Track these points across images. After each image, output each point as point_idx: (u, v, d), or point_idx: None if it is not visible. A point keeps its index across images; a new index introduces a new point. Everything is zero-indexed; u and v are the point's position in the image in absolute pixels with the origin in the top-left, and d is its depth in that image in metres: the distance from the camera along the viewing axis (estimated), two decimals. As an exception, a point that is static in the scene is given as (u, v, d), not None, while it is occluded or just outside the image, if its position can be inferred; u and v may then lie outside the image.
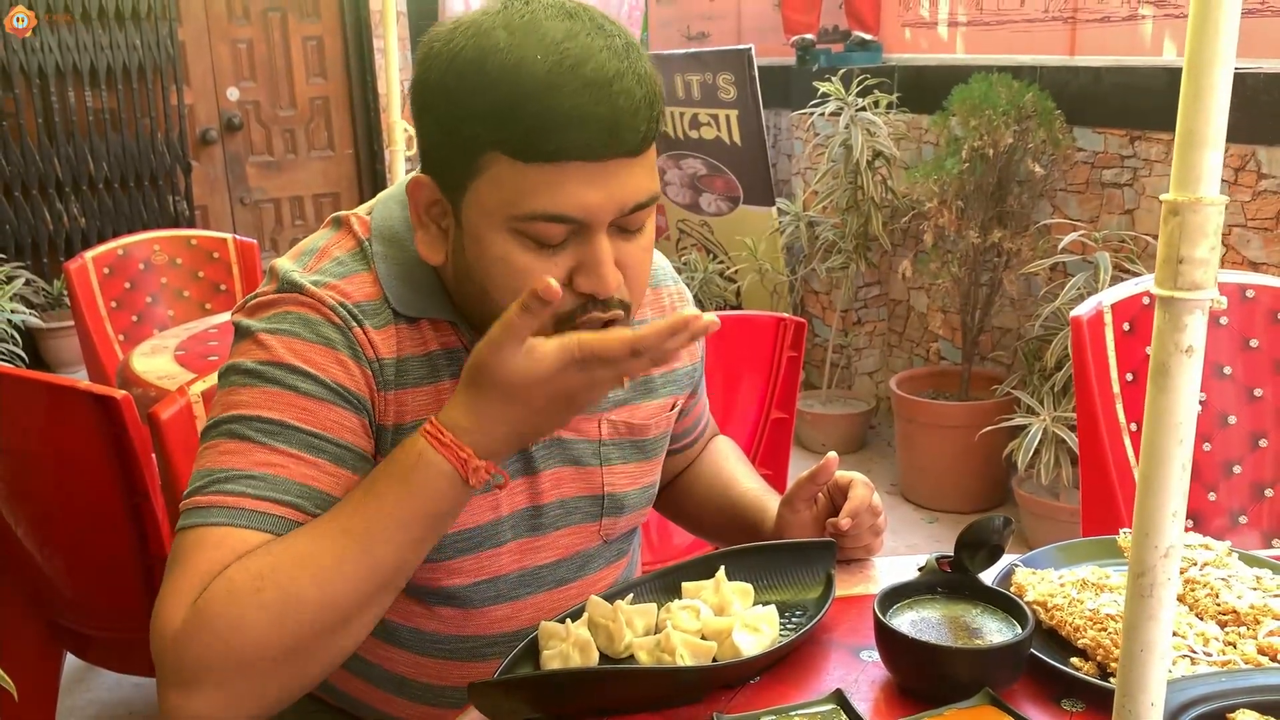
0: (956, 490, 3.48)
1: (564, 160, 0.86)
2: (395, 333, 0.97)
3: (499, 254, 0.90)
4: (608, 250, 0.90)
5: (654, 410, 1.16)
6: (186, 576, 0.85)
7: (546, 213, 0.87)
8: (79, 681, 2.58)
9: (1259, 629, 0.97)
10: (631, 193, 0.90)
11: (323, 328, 0.94)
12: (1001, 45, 3.62)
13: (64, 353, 4.97)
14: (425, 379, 0.99)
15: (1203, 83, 0.60)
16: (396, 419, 0.97)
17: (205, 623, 0.83)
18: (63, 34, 4.87)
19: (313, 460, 0.91)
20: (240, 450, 0.90)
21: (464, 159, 0.89)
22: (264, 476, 0.89)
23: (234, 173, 5.53)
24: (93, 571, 1.78)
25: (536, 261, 0.89)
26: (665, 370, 1.17)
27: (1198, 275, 0.61)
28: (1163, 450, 0.64)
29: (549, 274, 0.86)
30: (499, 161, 0.87)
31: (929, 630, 0.98)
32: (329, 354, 0.93)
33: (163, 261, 3.04)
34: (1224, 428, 1.75)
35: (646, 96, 0.88)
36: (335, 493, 0.91)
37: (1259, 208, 2.70)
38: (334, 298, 0.95)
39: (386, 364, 0.96)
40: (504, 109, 0.85)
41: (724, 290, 4.41)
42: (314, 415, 0.92)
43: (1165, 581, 0.64)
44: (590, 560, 1.15)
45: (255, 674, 0.84)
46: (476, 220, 0.91)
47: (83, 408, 1.57)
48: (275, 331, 0.93)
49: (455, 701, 1.10)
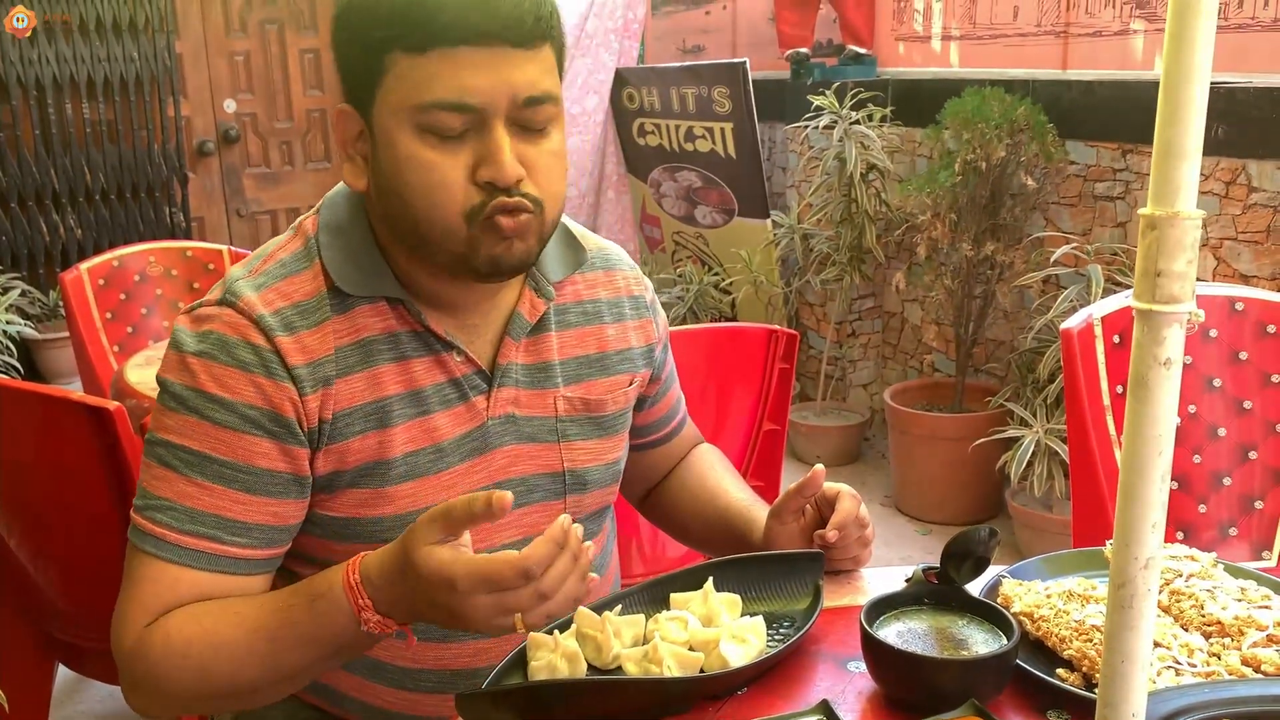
0: (950, 502, 3.48)
1: (453, 44, 0.94)
2: (330, 327, 1.04)
3: (406, 153, 0.98)
4: (504, 139, 0.97)
5: (609, 386, 1.19)
6: (134, 603, 1.00)
7: (442, 100, 0.95)
8: (71, 693, 2.57)
9: (1243, 640, 0.97)
10: (523, 85, 0.97)
11: (238, 349, 1.01)
12: (994, 59, 3.64)
13: (59, 364, 4.96)
14: (358, 365, 1.05)
15: (1180, 97, 0.61)
16: (335, 408, 1.04)
17: (143, 662, 0.99)
18: (60, 45, 4.88)
19: (224, 490, 1.01)
20: (166, 478, 1.01)
21: (370, 65, 0.98)
22: (183, 509, 1.00)
23: (231, 184, 5.54)
24: (86, 583, 1.78)
25: (441, 156, 0.97)
26: (620, 348, 1.21)
27: (1175, 289, 0.62)
28: (1142, 462, 0.64)
29: (453, 169, 0.97)
30: (399, 60, 0.96)
31: (915, 641, 0.98)
32: (241, 376, 1.01)
33: (158, 273, 3.04)
34: (1214, 440, 1.76)
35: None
36: (248, 519, 1.02)
37: (1249, 221, 2.71)
38: (263, 307, 1.02)
39: (316, 365, 1.03)
40: (398, 7, 0.95)
41: (719, 302, 4.42)
42: (228, 445, 1.01)
43: (1146, 593, 0.65)
44: None
45: (180, 706, 1.02)
46: (386, 126, 0.98)
47: (77, 419, 1.57)
48: (199, 354, 1.02)
49: (432, 685, 1.13)
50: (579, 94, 4.87)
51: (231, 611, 0.99)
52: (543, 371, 1.14)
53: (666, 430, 1.35)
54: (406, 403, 1.07)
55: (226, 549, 1.01)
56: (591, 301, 1.20)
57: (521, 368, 1.13)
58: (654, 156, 4.80)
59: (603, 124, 4.95)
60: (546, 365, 1.15)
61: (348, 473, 1.05)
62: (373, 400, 1.05)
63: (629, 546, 1.99)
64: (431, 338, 1.08)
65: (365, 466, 1.05)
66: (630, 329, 1.23)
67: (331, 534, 1.08)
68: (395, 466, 1.06)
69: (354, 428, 1.04)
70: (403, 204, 1.00)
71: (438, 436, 1.08)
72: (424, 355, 1.08)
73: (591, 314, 1.19)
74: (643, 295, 1.25)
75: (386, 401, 1.06)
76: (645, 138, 4.83)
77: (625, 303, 1.23)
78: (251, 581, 1.04)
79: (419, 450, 1.07)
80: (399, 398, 1.06)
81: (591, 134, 4.94)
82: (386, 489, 1.06)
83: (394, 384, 1.06)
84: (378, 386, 1.05)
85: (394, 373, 1.06)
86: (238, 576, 1.03)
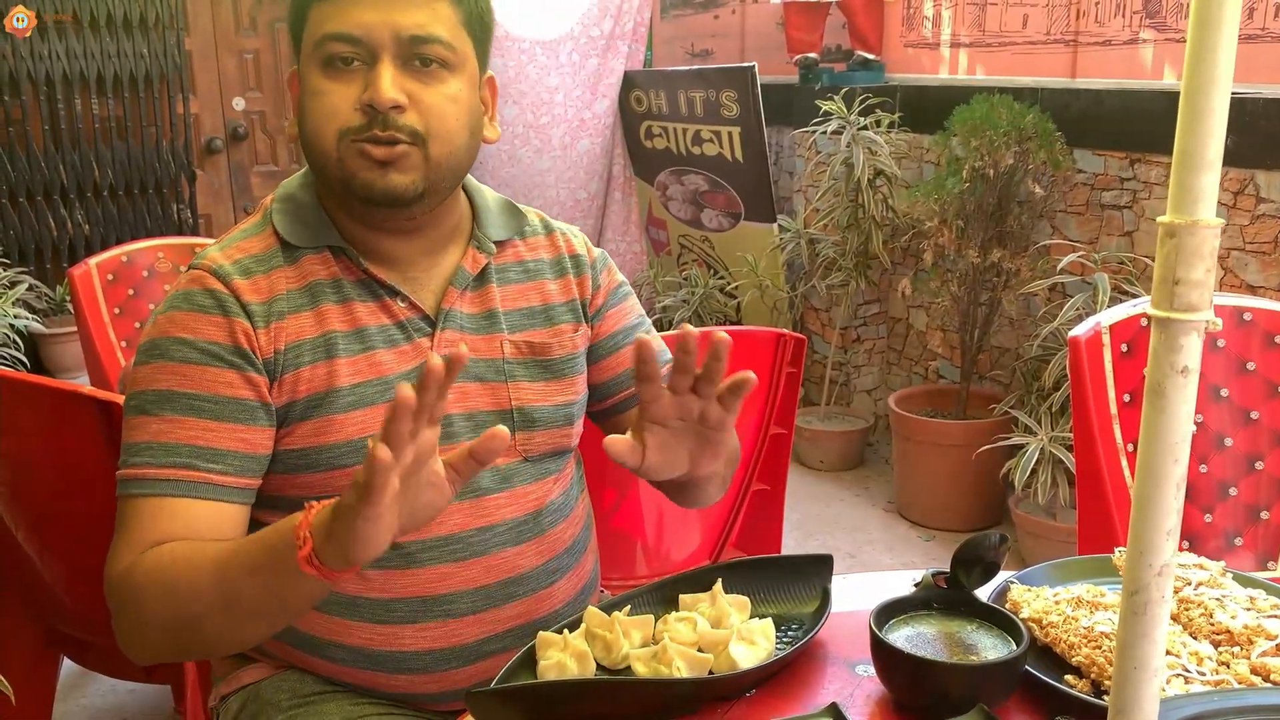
0: (953, 509, 3.48)
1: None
2: (280, 274, 1.14)
3: (312, 88, 1.10)
4: (387, 69, 1.07)
5: (553, 333, 1.25)
6: (123, 541, 1.07)
7: (333, 32, 1.07)
8: (74, 687, 2.57)
9: (1252, 649, 0.97)
10: (409, 25, 1.07)
11: (197, 296, 1.11)
12: (1003, 67, 3.64)
13: (66, 359, 4.97)
14: (306, 305, 1.14)
15: (1200, 106, 0.61)
16: (286, 340, 1.12)
17: (126, 586, 1.05)
18: (70, 41, 4.89)
19: (194, 421, 1.07)
20: (140, 424, 1.08)
21: (298, 23, 1.11)
22: (159, 445, 1.06)
23: (238, 182, 5.55)
24: (92, 577, 1.78)
25: (334, 84, 1.08)
26: (564, 300, 1.27)
27: (1194, 297, 0.62)
28: (1158, 470, 0.64)
29: (342, 96, 1.08)
30: (313, 11, 1.10)
31: (924, 646, 0.99)
32: (201, 317, 1.10)
33: (166, 269, 3.04)
34: (1221, 450, 1.76)
35: None
36: (220, 445, 1.07)
37: (1257, 231, 2.71)
38: (218, 263, 1.13)
39: (269, 303, 1.12)
40: None
41: (725, 306, 4.42)
42: (193, 379, 1.08)
43: (1159, 600, 0.65)
44: (514, 475, 1.20)
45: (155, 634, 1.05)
46: (305, 72, 1.11)
47: (85, 413, 1.58)
48: (165, 310, 1.12)
49: (404, 615, 1.15)
50: (589, 97, 4.88)
51: (208, 546, 1.04)
52: (487, 319, 1.22)
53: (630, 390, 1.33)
54: (351, 339, 1.14)
55: (204, 475, 1.07)
56: (534, 260, 1.28)
57: (466, 315, 1.21)
58: (661, 159, 4.81)
59: (611, 127, 4.96)
60: (491, 313, 1.22)
61: (299, 403, 1.11)
62: (320, 334, 1.13)
63: (633, 549, 1.99)
64: (374, 283, 1.16)
65: (315, 396, 1.12)
66: (572, 283, 1.29)
67: (288, 468, 1.13)
68: (343, 395, 1.12)
69: (303, 359, 1.12)
70: (304, 135, 1.11)
71: (383, 370, 1.14)
72: (368, 300, 1.16)
73: (533, 271, 1.27)
74: (583, 255, 1.32)
75: (331, 335, 1.13)
76: (652, 140, 4.83)
77: (566, 259, 1.30)
78: (231, 510, 1.09)
79: (365, 381, 1.13)
80: (343, 334, 1.14)
81: (601, 137, 4.94)
82: (336, 417, 1.12)
83: (339, 321, 1.14)
84: (324, 322, 1.14)
85: (338, 312, 1.15)
86: (218, 503, 1.08)
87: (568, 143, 4.88)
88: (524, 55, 4.69)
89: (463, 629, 1.17)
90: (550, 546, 1.23)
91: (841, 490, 3.86)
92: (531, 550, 1.20)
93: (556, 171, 4.91)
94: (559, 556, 1.24)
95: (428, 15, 1.08)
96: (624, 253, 5.17)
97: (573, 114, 4.86)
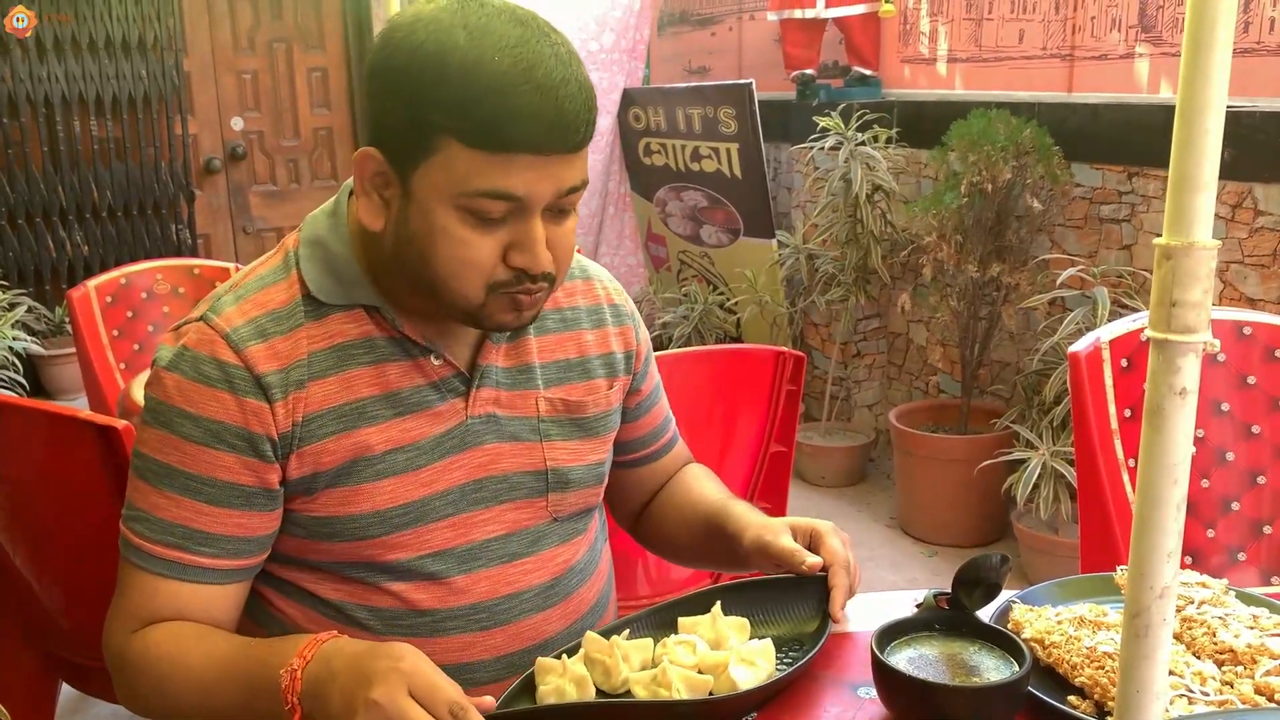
0: (955, 524, 3.47)
1: (513, 152, 0.96)
2: (304, 332, 1.07)
3: (443, 225, 1.00)
4: (540, 230, 1.01)
5: (589, 389, 1.21)
6: (120, 610, 1.09)
7: (491, 191, 0.97)
8: (73, 712, 2.56)
9: (1256, 668, 0.97)
10: (567, 180, 1.01)
11: (205, 365, 1.04)
12: (1000, 82, 3.65)
13: (65, 380, 4.97)
14: (332, 369, 1.07)
15: (1195, 128, 0.61)
16: (306, 410, 1.06)
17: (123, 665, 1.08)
18: (69, 63, 4.91)
19: (190, 502, 1.05)
20: (141, 490, 1.07)
21: (420, 140, 0.98)
22: (155, 520, 1.06)
23: (237, 202, 5.56)
24: (90, 602, 1.77)
25: (478, 236, 1.00)
26: (601, 353, 1.23)
27: (1191, 319, 0.62)
28: (1158, 491, 0.64)
29: (487, 249, 1.00)
30: (452, 146, 0.97)
31: (926, 667, 0.98)
32: (206, 391, 1.04)
33: (165, 290, 3.04)
34: (1222, 464, 1.75)
35: (586, 101, 0.99)
36: (213, 530, 1.05)
37: (1256, 244, 2.71)
38: (238, 318, 1.06)
39: (287, 370, 1.06)
40: (462, 102, 0.95)
41: (724, 321, 4.42)
42: (192, 458, 1.04)
43: (1161, 622, 0.64)
44: (542, 537, 1.17)
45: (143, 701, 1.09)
46: (426, 194, 1.00)
47: (83, 437, 1.57)
48: (170, 369, 1.06)
49: None
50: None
51: (206, 640, 1.05)
52: (523, 374, 1.17)
53: (655, 447, 1.35)
54: (382, 404, 1.08)
55: (195, 559, 1.06)
56: (570, 309, 1.23)
57: (501, 370, 1.15)
58: (660, 176, 4.82)
59: (611, 144, 4.97)
60: (527, 367, 1.17)
61: (326, 473, 1.07)
62: (346, 402, 1.07)
63: (634, 570, 1.99)
64: (408, 343, 1.10)
65: (344, 466, 1.07)
66: (611, 335, 1.25)
67: (312, 534, 1.09)
68: (373, 464, 1.08)
69: (326, 429, 1.06)
70: (424, 264, 1.02)
71: (416, 436, 1.10)
72: (400, 359, 1.10)
73: (570, 320, 1.22)
74: (622, 305, 1.29)
75: (361, 403, 1.08)
76: (651, 157, 4.84)
77: (605, 310, 1.26)
78: (225, 590, 1.08)
79: (397, 449, 1.09)
80: (374, 399, 1.08)
81: (601, 154, 4.95)
82: (365, 486, 1.08)
83: (369, 386, 1.08)
84: (351, 389, 1.07)
85: (369, 375, 1.08)
86: (209, 585, 1.07)
87: (566, 159, 4.89)
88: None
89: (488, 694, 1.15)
90: (575, 609, 1.20)
91: (843, 506, 3.85)
92: (556, 614, 1.18)
93: (555, 188, 4.91)
94: (583, 618, 1.21)
95: (581, 162, 1.02)
96: (618, 267, 5.17)
97: (572, 131, 4.87)
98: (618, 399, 1.25)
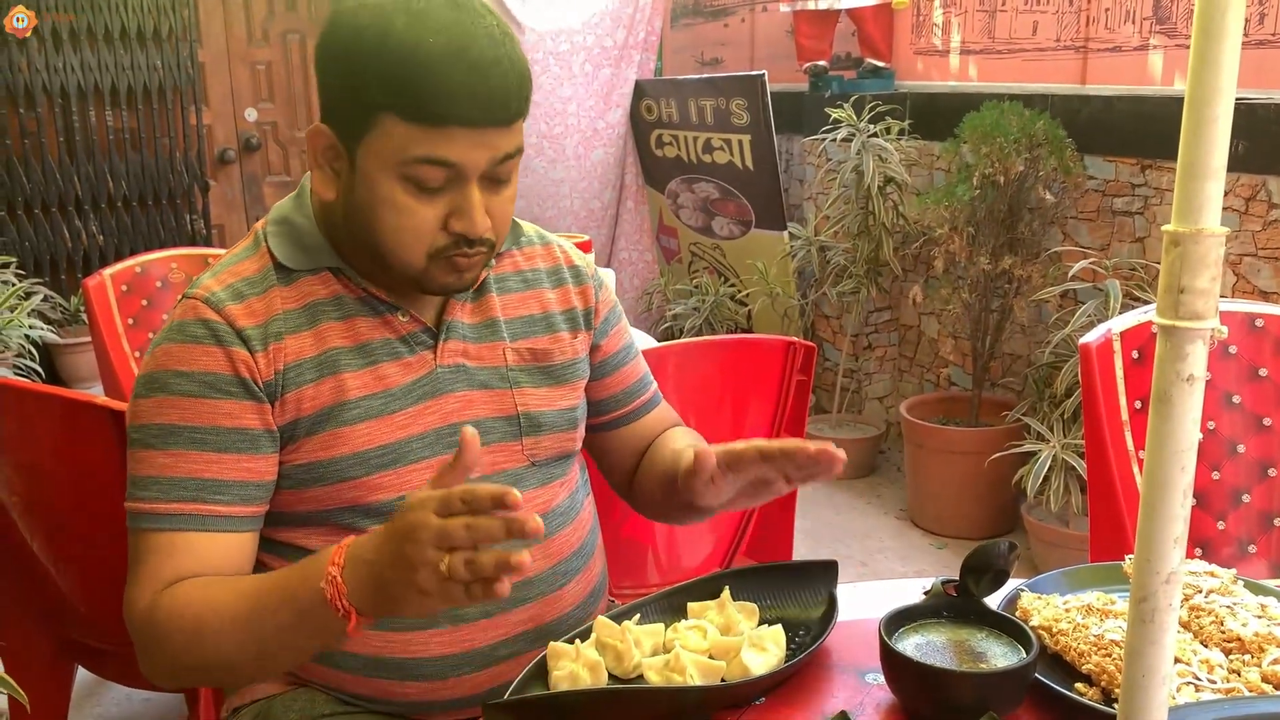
0: (966, 516, 3.47)
1: (449, 125, 1.03)
2: (276, 293, 1.14)
3: (385, 194, 1.07)
4: (478, 196, 1.08)
5: (553, 340, 1.27)
6: (140, 576, 1.09)
7: (427, 158, 1.04)
8: (89, 695, 2.59)
9: (1263, 657, 0.97)
10: (501, 148, 1.07)
11: (191, 327, 1.11)
12: (1013, 74, 3.64)
13: (80, 369, 5.00)
14: (305, 325, 1.14)
15: (1203, 115, 0.61)
16: (285, 360, 1.12)
17: (151, 624, 1.06)
18: (84, 54, 4.93)
19: (197, 454, 1.08)
20: (145, 458, 1.10)
21: (362, 115, 1.05)
22: (165, 480, 1.08)
23: (251, 192, 5.57)
24: (106, 586, 1.79)
25: (417, 203, 1.07)
26: (563, 308, 1.29)
27: (1199, 305, 0.62)
28: (1164, 477, 0.65)
29: (427, 216, 1.06)
30: (392, 119, 1.04)
31: (934, 654, 0.99)
32: (196, 348, 1.10)
33: (180, 280, 3.06)
34: (1233, 456, 1.75)
35: (518, 78, 1.06)
36: (224, 477, 1.09)
37: (1269, 237, 2.70)
38: (210, 290, 1.13)
39: (264, 325, 1.12)
40: (401, 81, 1.02)
41: (735, 313, 4.42)
42: (194, 412, 1.09)
43: (1167, 607, 0.65)
44: (520, 479, 1.21)
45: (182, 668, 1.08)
46: (370, 165, 1.07)
47: (99, 422, 1.59)
48: (160, 342, 1.12)
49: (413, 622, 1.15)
50: (602, 108, 4.90)
51: (232, 582, 1.07)
52: (489, 328, 1.23)
53: (630, 406, 1.37)
54: (355, 354, 1.15)
55: (211, 508, 1.08)
56: (531, 270, 1.29)
57: (468, 325, 1.21)
58: (672, 168, 4.82)
59: (624, 136, 4.97)
60: (492, 321, 1.23)
61: (306, 419, 1.12)
62: (321, 352, 1.13)
63: (645, 555, 1.99)
64: (375, 300, 1.16)
65: (321, 412, 1.12)
66: (572, 292, 1.31)
67: (298, 483, 1.13)
68: (349, 409, 1.13)
69: (305, 377, 1.12)
70: (370, 231, 1.10)
71: (388, 383, 1.15)
72: (369, 315, 1.16)
73: (532, 280, 1.29)
74: (583, 268, 1.34)
75: (335, 352, 1.14)
76: (663, 149, 4.84)
77: (565, 270, 1.32)
78: (241, 539, 1.11)
79: (371, 394, 1.14)
80: (347, 349, 1.14)
81: (615, 147, 4.96)
82: (343, 430, 1.12)
83: (341, 338, 1.15)
84: (325, 340, 1.14)
85: (340, 329, 1.15)
86: (226, 534, 1.10)
87: (581, 153, 4.90)
88: (537, 66, 4.70)
89: (472, 634, 1.17)
90: (557, 550, 1.23)
91: (853, 498, 3.85)
92: (539, 554, 1.21)
93: (571, 181, 4.92)
94: (566, 560, 1.24)
95: (514, 134, 1.08)
96: (636, 261, 5.17)
97: (586, 124, 4.88)
98: (583, 350, 1.30)
